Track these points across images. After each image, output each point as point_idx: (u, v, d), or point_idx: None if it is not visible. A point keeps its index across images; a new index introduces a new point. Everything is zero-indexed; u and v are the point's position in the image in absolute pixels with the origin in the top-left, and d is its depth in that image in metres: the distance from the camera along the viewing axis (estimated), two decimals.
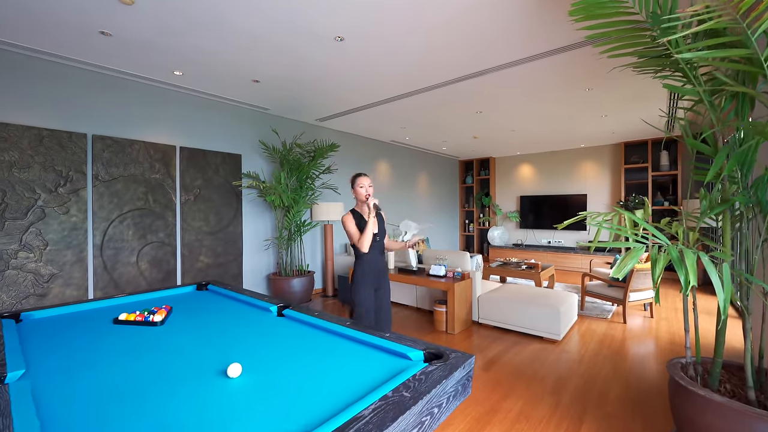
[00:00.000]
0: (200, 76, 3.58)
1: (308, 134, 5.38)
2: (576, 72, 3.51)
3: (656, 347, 3.34)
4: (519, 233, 8.68)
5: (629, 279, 3.95)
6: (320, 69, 3.42)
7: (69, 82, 3.28)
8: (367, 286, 2.38)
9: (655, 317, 4.25)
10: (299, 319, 1.86)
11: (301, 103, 4.47)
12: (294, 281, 4.42)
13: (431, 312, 4.45)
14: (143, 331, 1.68)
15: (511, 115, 5.05)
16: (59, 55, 3.07)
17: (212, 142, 4.28)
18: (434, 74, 3.56)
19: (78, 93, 3.33)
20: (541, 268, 5.45)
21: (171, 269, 3.91)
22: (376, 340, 1.50)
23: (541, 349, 3.30)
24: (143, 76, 3.55)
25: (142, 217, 3.71)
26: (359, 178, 2.40)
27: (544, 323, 3.48)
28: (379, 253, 2.42)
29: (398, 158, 7.31)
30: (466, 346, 3.40)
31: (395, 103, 4.45)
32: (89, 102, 3.39)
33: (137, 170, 3.67)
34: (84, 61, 3.20)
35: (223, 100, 4.29)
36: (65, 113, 3.26)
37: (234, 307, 2.14)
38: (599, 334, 3.68)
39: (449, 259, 4.37)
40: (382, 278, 2.46)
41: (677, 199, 6.44)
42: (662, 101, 4.49)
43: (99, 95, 3.45)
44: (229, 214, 4.42)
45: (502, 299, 3.80)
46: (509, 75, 3.58)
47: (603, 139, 6.79)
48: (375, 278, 2.39)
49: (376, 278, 2.40)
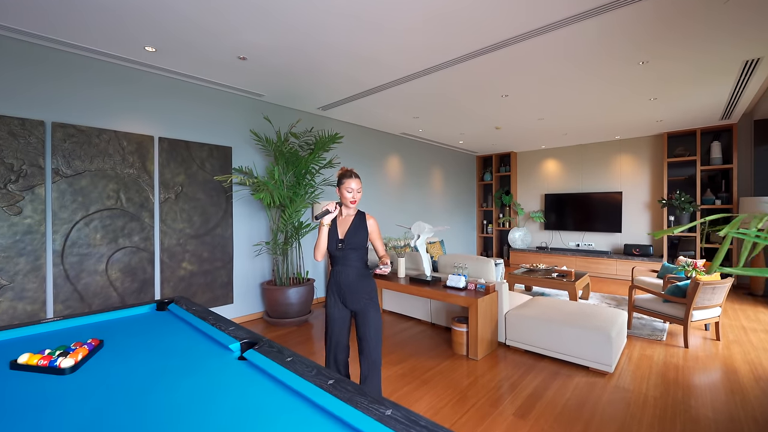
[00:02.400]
0: (176, 53, 3.05)
1: (309, 124, 4.82)
2: (631, 38, 2.82)
3: (737, 383, 2.62)
4: (543, 235, 7.93)
5: (693, 294, 3.22)
6: (317, 39, 2.83)
7: (19, 60, 2.79)
8: (330, 296, 2.10)
9: (722, 339, 3.50)
10: (263, 369, 1.28)
11: (298, 87, 3.90)
12: (290, 291, 3.86)
13: (448, 329, 3.81)
14: (41, 383, 1.18)
15: (542, 99, 4.36)
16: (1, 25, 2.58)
17: (197, 133, 3.76)
18: (459, 42, 2.93)
19: (32, 73, 2.84)
20: (574, 276, 4.74)
21: (147, 278, 3.40)
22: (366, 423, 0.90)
23: (590, 385, 2.63)
24: (111, 54, 3.04)
25: (113, 218, 3.21)
26: (347, 180, 2.04)
27: (591, 350, 2.81)
28: (345, 264, 2.05)
29: (410, 153, 6.69)
30: (493, 377, 2.76)
31: (411, 84, 3.83)
32: (46, 84, 2.90)
33: (107, 164, 3.17)
34: (34, 33, 2.70)
35: (209, 84, 3.76)
36: (16, 97, 2.77)
37: (185, 342, 1.60)
38: (658, 363, 2.98)
39: (470, 267, 3.73)
40: (349, 294, 2.05)
41: (731, 196, 5.60)
42: (729, 82, 3.73)
43: (58, 76, 2.95)
44: (218, 215, 3.89)
45: (534, 318, 3.14)
46: (547, 43, 2.91)
47: (644, 129, 5.99)
48: (338, 291, 2.07)
49: (339, 292, 2.07)
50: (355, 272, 2.04)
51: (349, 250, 2.03)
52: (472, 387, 2.61)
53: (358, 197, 2.05)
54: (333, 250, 2.04)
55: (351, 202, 2.04)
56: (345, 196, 2.03)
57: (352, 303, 2.04)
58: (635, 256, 6.40)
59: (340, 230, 2.06)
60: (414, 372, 2.84)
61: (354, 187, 2.02)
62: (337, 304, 2.07)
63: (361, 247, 2.06)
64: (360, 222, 2.08)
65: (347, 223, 2.07)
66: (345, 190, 2.02)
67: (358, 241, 2.04)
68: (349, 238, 2.03)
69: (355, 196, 2.03)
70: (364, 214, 2.12)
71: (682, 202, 5.86)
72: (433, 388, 2.59)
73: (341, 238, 2.04)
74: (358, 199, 2.05)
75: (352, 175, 2.04)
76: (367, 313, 2.03)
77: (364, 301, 2.03)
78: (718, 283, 3.23)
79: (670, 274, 4.23)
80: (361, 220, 2.09)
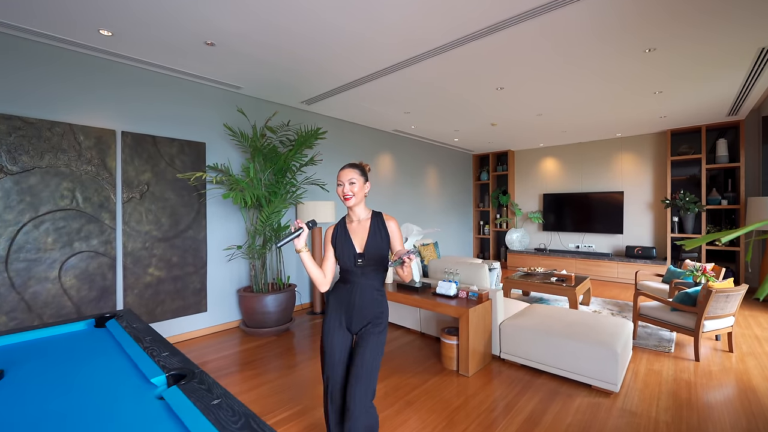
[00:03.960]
0: (135, 38, 2.75)
1: (293, 120, 4.53)
2: (640, 19, 2.54)
3: (757, 404, 2.34)
4: (541, 236, 7.65)
5: (705, 303, 2.94)
6: (290, 24, 2.54)
7: None
8: (330, 319, 1.65)
9: (735, 351, 3.23)
10: (178, 415, 1.00)
11: (278, 79, 3.61)
12: (267, 299, 3.57)
13: (439, 340, 3.53)
14: None
15: (540, 92, 4.08)
16: None
17: (166, 127, 3.46)
18: (447, 26, 2.64)
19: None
20: (575, 280, 4.46)
21: (108, 285, 3.10)
22: None
23: (593, 407, 2.34)
24: (60, 38, 2.74)
25: (68, 220, 2.91)
26: (339, 172, 1.62)
27: (595, 367, 2.52)
28: (363, 281, 1.62)
29: (402, 151, 6.40)
30: (485, 396, 2.47)
31: (399, 75, 3.55)
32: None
33: (60, 160, 2.87)
34: None
35: (179, 74, 3.46)
36: None
37: (105, 372, 1.35)
38: (668, 380, 2.69)
39: (462, 273, 3.44)
40: (358, 316, 1.61)
41: (738, 196, 5.33)
42: (740, 73, 3.46)
43: (1, 63, 2.66)
44: (189, 216, 3.59)
45: (532, 329, 2.86)
46: (544, 28, 2.63)
47: (647, 125, 5.72)
48: (346, 312, 1.63)
49: (347, 313, 1.63)
50: (372, 293, 1.61)
51: (368, 266, 1.60)
52: (462, 409, 2.32)
53: (355, 191, 1.57)
54: (351, 266, 1.61)
55: (345, 199, 1.58)
56: (338, 194, 1.61)
57: (358, 326, 1.62)
58: (637, 258, 6.13)
59: (355, 241, 1.62)
60: (398, 391, 2.55)
61: (344, 179, 1.57)
62: (341, 327, 1.63)
63: (384, 260, 1.62)
64: (379, 227, 1.63)
65: (364, 230, 1.62)
66: (337, 186, 1.61)
67: (380, 253, 1.60)
68: (371, 250, 1.59)
69: (349, 190, 1.57)
70: (381, 215, 1.67)
71: (686, 202, 5.59)
72: (418, 411, 2.30)
73: (360, 252, 1.59)
74: (355, 193, 1.57)
75: (345, 166, 1.61)
76: (369, 333, 1.58)
77: (372, 323, 1.60)
78: (732, 290, 2.95)
79: (676, 280, 3.96)
80: (380, 224, 1.64)
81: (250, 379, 2.76)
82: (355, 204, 1.60)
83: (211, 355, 3.23)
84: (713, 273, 3.72)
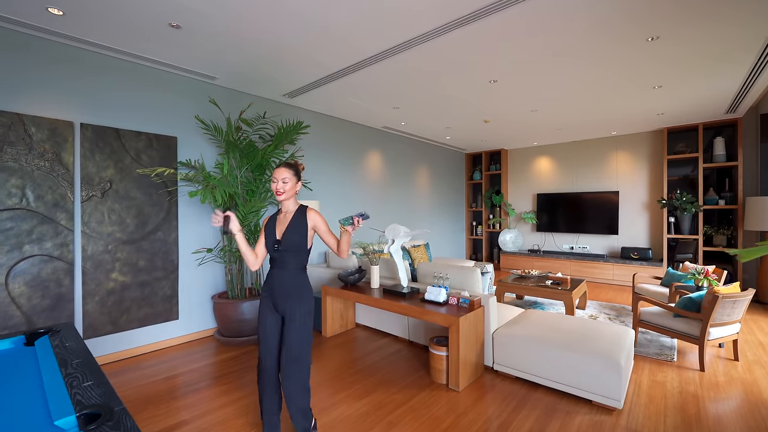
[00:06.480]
0: (89, 17, 2.48)
1: (275, 114, 4.27)
2: (642, 5, 2.34)
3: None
4: (535, 237, 7.48)
5: (711, 309, 2.76)
6: (261, 3, 2.29)
7: None
8: (262, 303, 1.89)
9: (741, 359, 3.05)
10: None
11: (255, 69, 3.35)
12: (244, 306, 3.30)
13: (428, 349, 3.29)
14: None
15: (535, 87, 3.88)
16: None
17: (132, 120, 3.18)
18: (439, 7, 2.41)
19: None
20: (571, 283, 4.27)
21: (64, 292, 2.81)
22: None
23: (595, 425, 2.12)
24: (4, 16, 2.45)
25: (16, 220, 2.62)
26: (274, 170, 1.85)
27: (596, 381, 2.31)
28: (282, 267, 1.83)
29: (392, 150, 6.17)
30: (477, 415, 2.24)
31: (383, 65, 3.31)
32: None
33: (7, 154, 2.58)
34: None
35: (145, 61, 3.18)
36: None
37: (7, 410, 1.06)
38: (673, 393, 2.50)
39: (452, 278, 3.22)
40: (281, 300, 1.82)
41: (736, 196, 5.19)
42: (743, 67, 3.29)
43: None
44: (158, 216, 3.31)
45: (527, 338, 2.64)
46: (539, 13, 2.42)
47: (643, 123, 5.57)
48: (271, 296, 1.86)
49: (272, 296, 1.85)
50: (292, 276, 1.83)
51: (285, 252, 1.81)
52: (452, 430, 2.09)
53: (287, 188, 1.81)
54: (270, 251, 1.84)
55: (278, 194, 1.81)
56: (273, 189, 1.84)
57: (283, 305, 1.82)
58: (633, 259, 5.97)
59: (278, 230, 1.85)
60: (380, 410, 2.31)
61: (278, 177, 1.81)
62: (272, 311, 1.86)
63: (301, 248, 1.83)
64: (299, 219, 1.84)
65: (286, 222, 1.85)
66: (271, 182, 1.84)
67: (296, 241, 1.81)
68: (287, 238, 1.81)
69: (281, 187, 1.80)
70: (306, 208, 1.88)
71: (683, 202, 5.45)
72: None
73: (278, 239, 1.82)
74: (286, 190, 1.81)
75: (281, 164, 1.84)
76: (293, 315, 1.79)
77: (296, 302, 1.80)
78: (739, 296, 2.77)
79: (677, 283, 3.78)
80: (301, 217, 1.85)
81: (219, 396, 2.50)
82: (285, 199, 1.83)
83: (180, 367, 2.96)
84: (715, 276, 3.54)
